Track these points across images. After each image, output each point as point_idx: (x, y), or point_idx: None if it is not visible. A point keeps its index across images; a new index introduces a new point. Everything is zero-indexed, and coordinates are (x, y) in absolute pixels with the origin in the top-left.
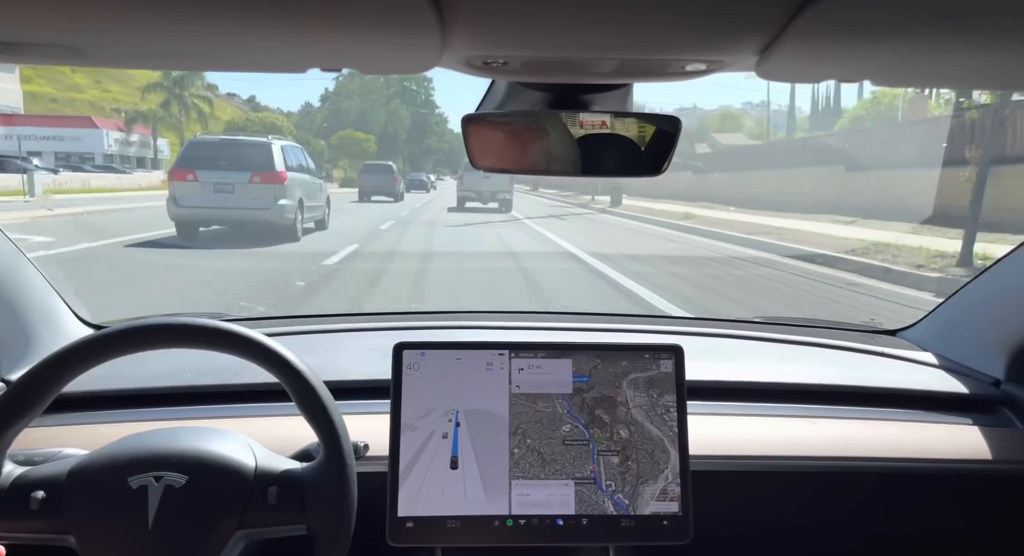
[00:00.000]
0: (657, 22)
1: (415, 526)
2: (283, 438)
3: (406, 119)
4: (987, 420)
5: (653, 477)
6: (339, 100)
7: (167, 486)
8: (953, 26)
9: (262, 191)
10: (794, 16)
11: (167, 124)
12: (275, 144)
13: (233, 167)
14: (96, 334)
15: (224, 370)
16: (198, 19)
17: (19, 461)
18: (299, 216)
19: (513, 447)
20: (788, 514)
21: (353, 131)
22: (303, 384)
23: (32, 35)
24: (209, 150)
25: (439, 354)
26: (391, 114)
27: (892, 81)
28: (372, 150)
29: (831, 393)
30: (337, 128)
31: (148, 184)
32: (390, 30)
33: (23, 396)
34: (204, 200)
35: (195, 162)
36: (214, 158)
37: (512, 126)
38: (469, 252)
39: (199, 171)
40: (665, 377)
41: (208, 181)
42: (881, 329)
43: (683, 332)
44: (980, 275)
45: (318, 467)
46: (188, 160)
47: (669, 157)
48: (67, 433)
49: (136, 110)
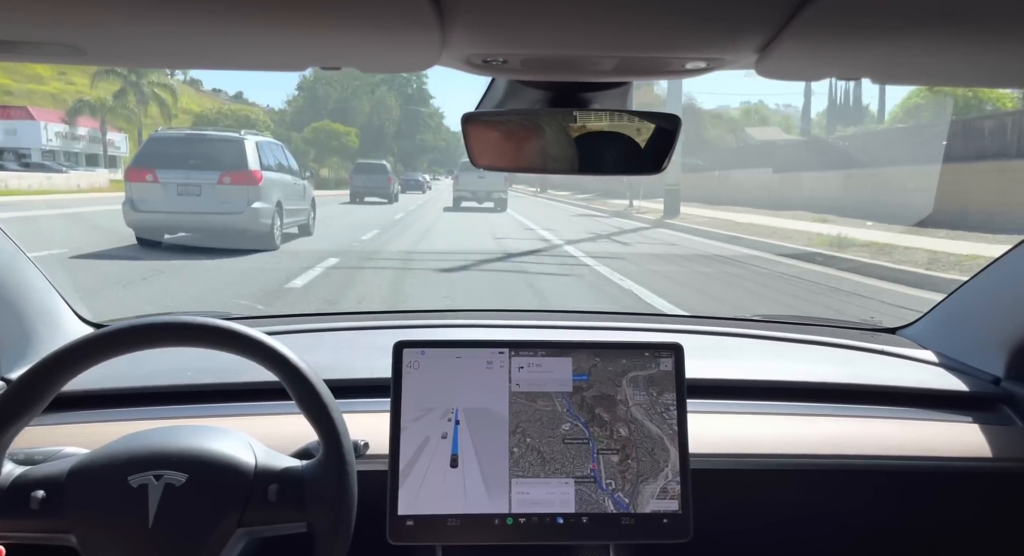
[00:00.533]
0: (657, 20)
1: (415, 524)
2: (283, 437)
3: (394, 110)
4: (987, 418)
5: (653, 475)
6: (316, 88)
7: (167, 485)
8: (952, 24)
9: (233, 193)
10: (794, 14)
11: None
12: (249, 140)
13: (200, 166)
14: (96, 333)
15: (224, 369)
16: (197, 17)
17: (19, 460)
18: (277, 221)
19: (513, 446)
20: (788, 512)
21: (330, 122)
22: (303, 382)
23: (31, 34)
24: (172, 147)
25: (439, 352)
26: (377, 104)
27: (891, 79)
28: (353, 145)
29: (831, 391)
30: (313, 120)
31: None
32: (390, 28)
33: (23, 395)
34: (166, 204)
35: (156, 160)
36: (178, 156)
37: (512, 124)
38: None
39: (160, 171)
40: (665, 375)
41: (171, 182)
42: (881, 327)
43: (683, 330)
44: (980, 273)
45: (318, 465)
46: (147, 158)
47: (669, 155)
48: (67, 432)
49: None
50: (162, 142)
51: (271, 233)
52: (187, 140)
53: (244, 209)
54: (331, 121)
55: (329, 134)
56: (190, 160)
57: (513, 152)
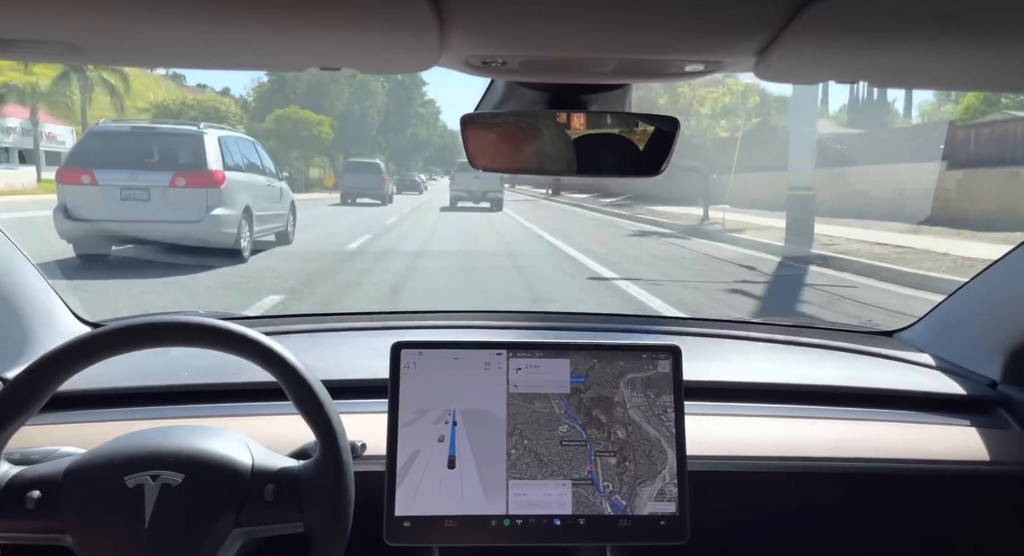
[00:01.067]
0: (656, 22)
1: (412, 525)
2: (280, 437)
3: (380, 97)
4: (984, 421)
5: (650, 478)
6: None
7: (164, 485)
8: (952, 27)
9: (189, 197)
10: (793, 17)
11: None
12: (209, 134)
13: (149, 165)
14: (93, 332)
15: (221, 369)
16: (196, 17)
17: (15, 460)
18: (245, 230)
19: (510, 447)
20: (784, 514)
21: (298, 109)
22: (300, 383)
23: (30, 32)
24: (116, 142)
25: (437, 353)
26: (359, 90)
27: (891, 82)
28: (327, 137)
29: (828, 394)
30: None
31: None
32: (389, 29)
33: (19, 394)
34: (107, 210)
35: (95, 158)
36: (123, 153)
37: (511, 126)
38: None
39: (101, 171)
40: (662, 377)
41: (112, 184)
42: (878, 330)
43: (680, 332)
44: (977, 277)
45: (315, 465)
46: (85, 155)
47: (668, 157)
48: (63, 432)
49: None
50: (103, 137)
51: (237, 244)
52: (134, 135)
53: (203, 216)
54: (300, 108)
55: (296, 123)
56: (137, 158)
57: (512, 153)
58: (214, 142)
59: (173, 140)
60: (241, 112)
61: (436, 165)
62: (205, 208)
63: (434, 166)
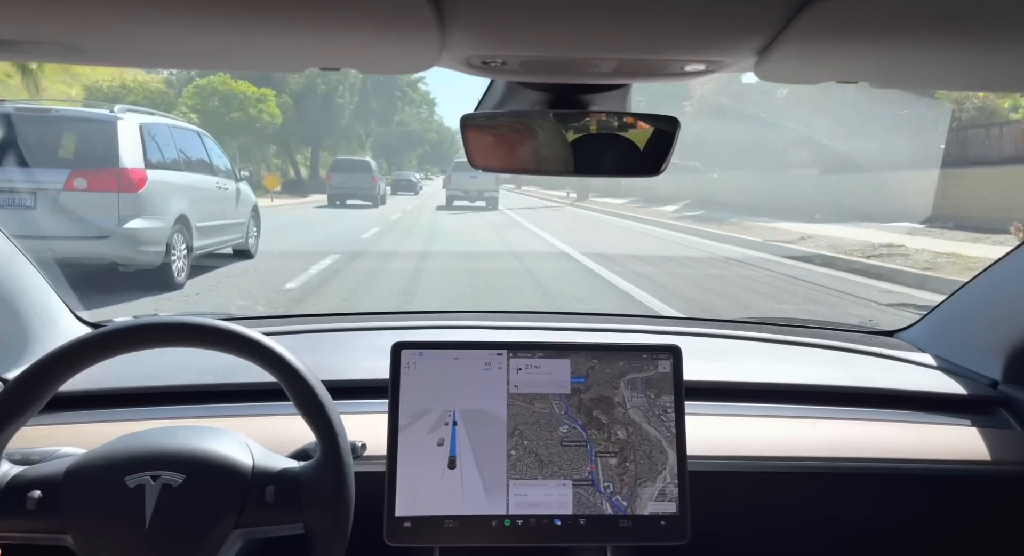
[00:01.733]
0: (656, 22)
1: (413, 526)
2: (281, 437)
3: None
4: (984, 421)
5: (651, 478)
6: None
7: (164, 485)
8: (952, 27)
9: (92, 204)
10: (793, 17)
11: None
12: (126, 119)
13: (40, 161)
14: (93, 333)
15: (222, 369)
16: (196, 18)
17: (16, 460)
18: (178, 247)
19: (511, 448)
20: (785, 514)
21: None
22: (301, 383)
23: (30, 32)
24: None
25: (437, 354)
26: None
27: (891, 82)
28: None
29: (829, 394)
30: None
31: None
32: (390, 30)
33: (20, 395)
34: None
35: None
36: (6, 145)
37: (511, 126)
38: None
39: None
40: (663, 377)
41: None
42: (879, 330)
43: (681, 332)
44: (978, 276)
45: (315, 466)
46: None
47: (668, 157)
48: (64, 432)
49: None
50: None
51: (164, 265)
52: (23, 121)
53: (112, 229)
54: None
55: (224, 99)
56: (23, 151)
57: (512, 153)
58: (133, 130)
59: (75, 126)
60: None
61: (431, 163)
62: (116, 218)
63: (430, 165)
